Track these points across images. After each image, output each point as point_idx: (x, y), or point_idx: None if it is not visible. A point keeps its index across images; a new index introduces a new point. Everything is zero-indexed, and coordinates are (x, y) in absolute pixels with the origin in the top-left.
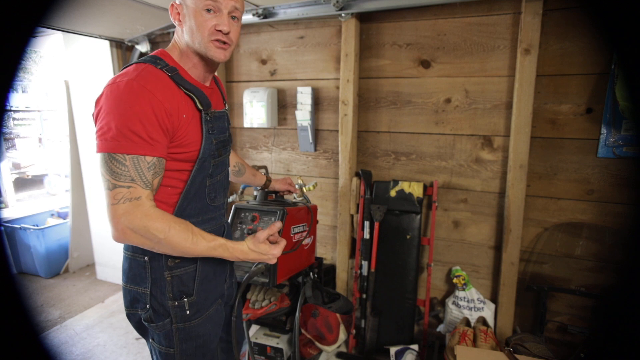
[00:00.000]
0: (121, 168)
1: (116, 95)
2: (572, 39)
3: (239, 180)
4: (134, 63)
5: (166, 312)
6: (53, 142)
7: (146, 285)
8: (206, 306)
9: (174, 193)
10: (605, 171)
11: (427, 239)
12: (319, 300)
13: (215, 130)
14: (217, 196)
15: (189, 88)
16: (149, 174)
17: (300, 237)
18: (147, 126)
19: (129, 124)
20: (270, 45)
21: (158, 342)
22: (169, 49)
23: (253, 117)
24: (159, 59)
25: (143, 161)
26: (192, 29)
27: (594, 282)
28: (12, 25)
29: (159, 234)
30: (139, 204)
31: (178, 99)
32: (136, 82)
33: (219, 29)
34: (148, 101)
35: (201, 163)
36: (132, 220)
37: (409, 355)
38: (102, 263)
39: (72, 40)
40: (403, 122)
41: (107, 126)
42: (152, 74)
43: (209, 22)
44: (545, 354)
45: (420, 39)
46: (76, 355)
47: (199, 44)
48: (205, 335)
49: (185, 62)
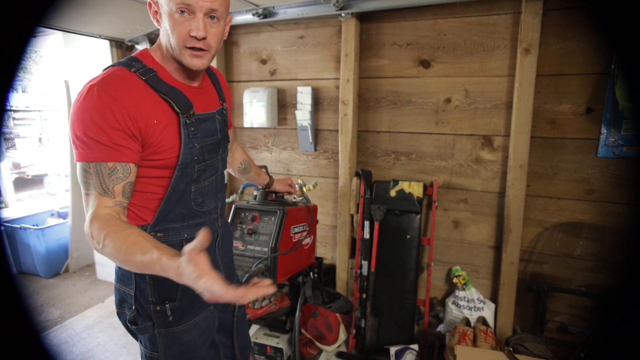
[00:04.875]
0: (87, 177)
1: (79, 103)
2: (572, 39)
3: (244, 178)
4: (111, 65)
5: (149, 316)
6: (53, 142)
7: (131, 286)
8: (192, 313)
9: (154, 199)
10: (605, 171)
11: (427, 239)
12: (319, 300)
13: (199, 134)
14: (206, 201)
15: (165, 91)
16: (109, 181)
17: (300, 237)
18: (109, 132)
19: (89, 132)
20: (270, 45)
21: (144, 345)
22: (152, 49)
23: (253, 117)
24: (136, 61)
25: (105, 167)
26: (167, 33)
27: (594, 282)
28: (12, 25)
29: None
30: (91, 211)
31: (148, 104)
32: (97, 87)
33: (193, 35)
34: (109, 107)
35: (182, 169)
36: (86, 227)
37: (409, 355)
38: (102, 263)
39: (72, 40)
40: (403, 122)
41: (74, 135)
42: (119, 78)
43: (182, 26)
44: (545, 354)
45: (420, 39)
46: (76, 355)
47: (174, 50)
48: (191, 343)
49: (167, 64)
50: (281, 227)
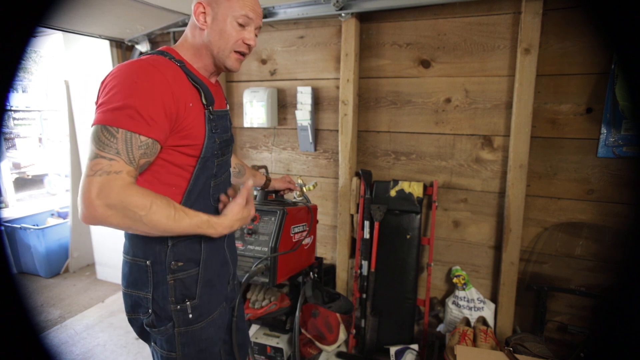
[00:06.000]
0: (110, 139)
1: (125, 72)
2: (572, 38)
3: (239, 182)
4: (142, 54)
5: (168, 316)
6: (53, 142)
7: (148, 289)
8: (210, 310)
9: (177, 193)
10: (605, 171)
11: (427, 239)
12: (319, 300)
13: (219, 129)
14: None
15: (196, 81)
16: (137, 152)
17: (300, 237)
18: (150, 105)
19: (131, 100)
20: (270, 45)
21: (160, 347)
22: (176, 46)
23: (253, 116)
24: (166, 52)
25: (136, 139)
26: (218, 35)
27: (594, 282)
28: (12, 25)
29: (139, 210)
30: (117, 177)
31: (186, 87)
32: (147, 62)
33: (248, 43)
34: (157, 81)
35: (203, 162)
36: (108, 195)
37: (409, 355)
38: (102, 263)
39: (72, 40)
40: (403, 122)
41: (109, 100)
42: (163, 60)
43: (238, 34)
44: (545, 354)
45: (420, 39)
46: (76, 355)
47: (221, 52)
48: (209, 340)
49: (196, 61)
50: (281, 227)
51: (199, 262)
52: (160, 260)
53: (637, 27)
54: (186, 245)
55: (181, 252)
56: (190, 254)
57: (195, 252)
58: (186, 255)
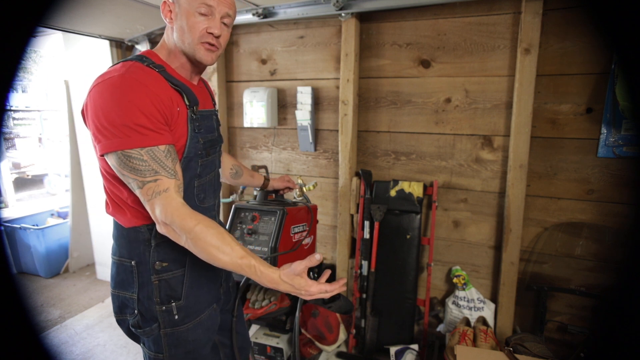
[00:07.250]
0: (141, 164)
1: (111, 91)
2: (572, 38)
3: (237, 183)
4: (119, 62)
5: (154, 317)
6: (53, 142)
7: (134, 290)
8: (197, 311)
9: None
10: (605, 171)
11: (427, 239)
12: (319, 300)
13: (203, 129)
14: (207, 197)
15: (176, 84)
16: (168, 162)
17: (301, 237)
18: (150, 117)
19: (132, 117)
20: (270, 45)
21: (148, 348)
22: (156, 49)
23: (253, 116)
24: (145, 57)
25: (158, 151)
26: (183, 29)
27: (594, 282)
28: (12, 25)
29: (185, 233)
30: (168, 196)
31: (170, 92)
32: (128, 76)
33: (211, 32)
34: (145, 93)
35: (187, 162)
36: (166, 215)
37: (409, 355)
38: (102, 263)
39: (72, 40)
40: (403, 122)
41: (110, 123)
42: (140, 69)
43: (200, 24)
44: (545, 354)
45: (420, 39)
46: (76, 355)
47: (188, 45)
48: (196, 341)
49: (172, 61)
50: (281, 227)
51: (184, 263)
52: (144, 261)
53: (637, 27)
54: (170, 246)
55: (165, 253)
56: (176, 255)
57: (181, 252)
58: (171, 255)
